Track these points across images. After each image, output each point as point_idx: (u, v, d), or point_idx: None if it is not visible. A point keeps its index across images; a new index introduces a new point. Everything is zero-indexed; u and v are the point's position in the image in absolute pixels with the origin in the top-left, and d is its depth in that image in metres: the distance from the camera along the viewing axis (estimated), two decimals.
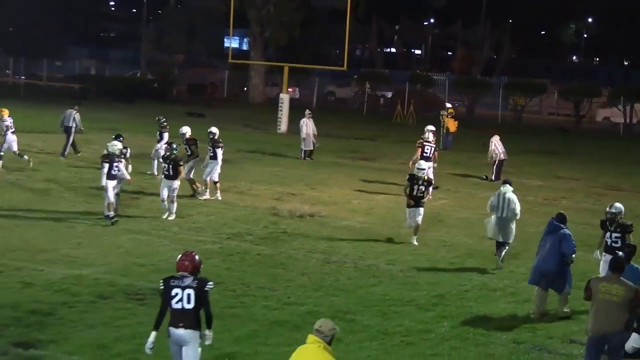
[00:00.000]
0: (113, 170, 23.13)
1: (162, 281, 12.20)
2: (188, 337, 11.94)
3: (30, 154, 34.64)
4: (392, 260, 20.99)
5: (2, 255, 19.48)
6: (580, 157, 44.66)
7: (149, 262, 19.67)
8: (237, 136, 45.91)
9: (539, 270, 17.01)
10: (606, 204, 29.86)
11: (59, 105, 45.35)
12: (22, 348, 13.95)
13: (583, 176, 37.39)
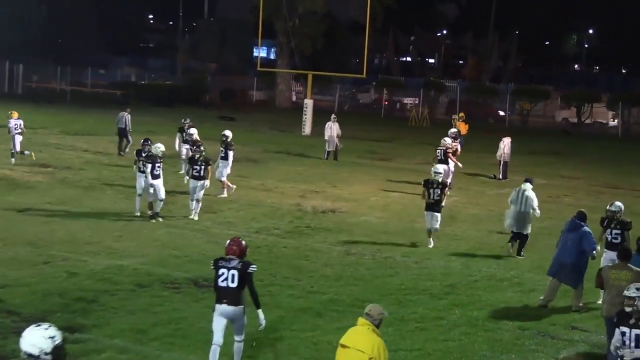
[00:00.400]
0: (156, 170, 22.83)
1: (212, 262, 12.75)
2: (231, 312, 12.42)
3: (76, 154, 34.85)
4: (407, 253, 21.00)
5: (50, 246, 19.58)
6: (581, 157, 44.51)
7: (184, 253, 19.74)
8: (265, 138, 45.98)
9: (558, 262, 16.92)
10: (605, 201, 29.80)
11: (102, 110, 45.71)
12: (68, 332, 13.98)
13: (584, 175, 37.27)
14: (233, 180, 30.80)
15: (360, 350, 9.71)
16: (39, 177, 29.10)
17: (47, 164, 32.14)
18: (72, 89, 71.86)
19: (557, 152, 45.29)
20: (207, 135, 39.29)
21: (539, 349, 14.43)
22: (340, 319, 15.45)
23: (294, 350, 13.83)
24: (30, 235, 20.57)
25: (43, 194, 26.32)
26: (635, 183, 36.01)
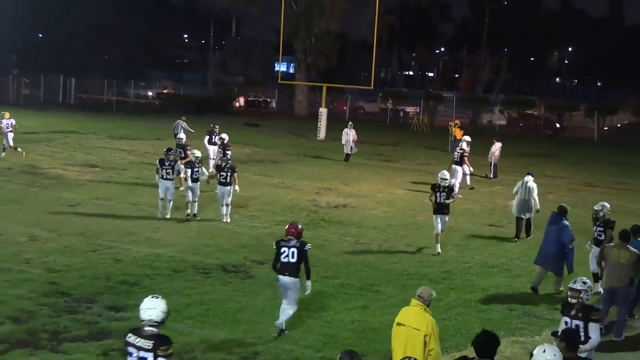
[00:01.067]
0: (194, 174, 22.40)
1: (274, 242, 13.88)
2: (290, 282, 13.45)
3: (120, 155, 34.93)
4: (409, 243, 20.98)
5: (97, 236, 19.64)
6: (563, 159, 44.33)
7: (214, 243, 19.76)
8: (284, 142, 45.97)
9: (543, 253, 16.93)
10: (583, 198, 29.92)
11: (142, 118, 45.82)
12: (114, 311, 14.07)
13: (565, 175, 37.14)
14: (257, 179, 30.88)
15: (415, 328, 9.89)
16: (88, 176, 29.19)
17: (95, 164, 32.26)
18: (117, 99, 72.06)
19: (542, 155, 45.12)
20: (234, 139, 39.36)
21: (525, 327, 14.42)
22: (350, 301, 15.48)
23: (310, 327, 13.86)
24: (81, 227, 20.64)
25: (91, 191, 26.40)
26: (610, 182, 35.91)
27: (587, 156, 47.29)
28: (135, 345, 8.36)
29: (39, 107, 62.02)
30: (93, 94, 73.77)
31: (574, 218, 24.13)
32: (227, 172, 22.25)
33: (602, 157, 47.33)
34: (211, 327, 13.51)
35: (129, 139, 40.75)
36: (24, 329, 12.94)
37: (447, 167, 28.19)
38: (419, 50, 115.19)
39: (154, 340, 8.27)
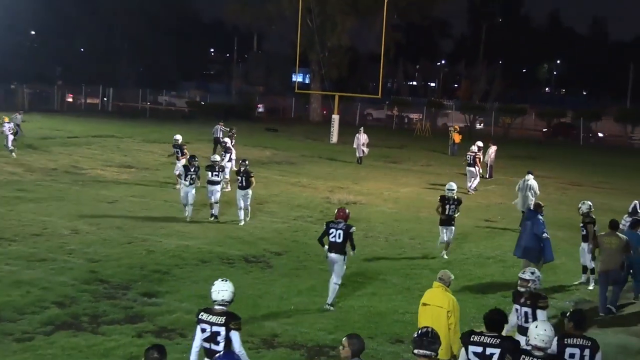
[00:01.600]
0: (212, 177, 21.62)
1: (325, 224, 14.80)
2: (336, 258, 14.19)
3: (153, 157, 34.96)
4: (413, 236, 20.94)
5: (133, 230, 19.68)
6: (551, 161, 44.15)
7: (237, 236, 19.78)
8: (301, 145, 45.95)
9: (520, 245, 16.89)
10: (570, 196, 29.81)
11: (173, 123, 45.89)
12: (147, 297, 14.09)
13: (554, 175, 36.97)
14: (276, 179, 30.90)
15: (439, 306, 10.30)
16: (125, 175, 29.27)
17: (131, 165, 32.35)
18: (151, 107, 72.24)
19: (532, 157, 44.95)
20: (256, 142, 39.51)
21: None
22: (360, 288, 15.46)
23: (324, 312, 13.85)
24: (118, 221, 20.69)
25: (127, 189, 26.46)
26: (594, 181, 35.79)
27: (573, 158, 47.11)
28: (209, 321, 8.74)
29: (80, 114, 62.25)
30: (129, 102, 73.98)
31: (561, 214, 24.23)
32: (242, 177, 21.09)
33: (587, 159, 47.14)
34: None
35: (161, 143, 40.75)
36: (67, 312, 12.97)
37: (464, 166, 28.40)
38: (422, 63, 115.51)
39: (226, 317, 8.71)
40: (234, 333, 8.67)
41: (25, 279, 14.69)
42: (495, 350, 8.39)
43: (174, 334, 12.28)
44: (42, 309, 13.08)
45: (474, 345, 8.50)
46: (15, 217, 20.50)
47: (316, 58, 68.67)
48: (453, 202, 18.49)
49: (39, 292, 13.95)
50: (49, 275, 15.07)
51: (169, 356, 11.18)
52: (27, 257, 16.33)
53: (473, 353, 8.47)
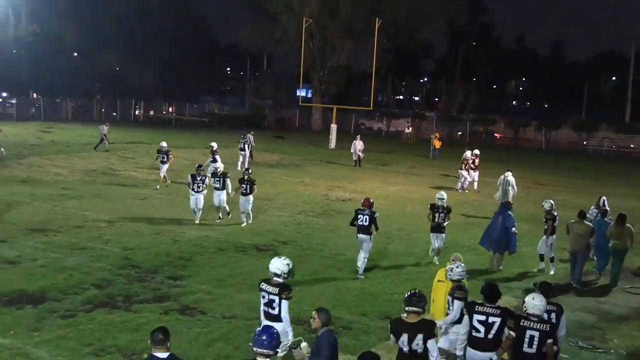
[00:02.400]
0: (215, 183, 20.27)
1: (354, 211, 15.76)
2: (364, 238, 15.37)
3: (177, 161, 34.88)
4: (400, 228, 20.92)
5: (160, 222, 19.67)
6: (518, 163, 44.07)
7: (249, 227, 19.77)
8: (304, 150, 45.91)
9: (488, 236, 16.82)
10: (534, 194, 29.79)
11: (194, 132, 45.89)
12: (172, 280, 14.08)
13: (520, 176, 36.71)
14: (283, 179, 30.86)
15: None
16: (153, 176, 29.20)
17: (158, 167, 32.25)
18: (175, 117, 72.26)
19: (502, 160, 44.88)
20: (266, 148, 39.48)
21: None
22: (354, 272, 15.45)
23: (323, 292, 13.84)
24: (148, 215, 20.69)
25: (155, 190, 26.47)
26: (555, 181, 35.79)
27: (537, 161, 47.06)
28: (266, 290, 9.17)
29: (115, 123, 62.16)
30: (157, 113, 74.09)
31: (526, 210, 24.20)
32: (246, 184, 19.79)
33: (548, 162, 47.13)
34: (247, 292, 13.50)
35: (184, 148, 40.70)
36: (104, 293, 12.97)
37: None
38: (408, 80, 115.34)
39: (279, 287, 9.09)
40: (283, 302, 9.08)
41: (69, 265, 14.69)
42: (496, 319, 8.64)
43: (195, 311, 12.27)
44: (83, 290, 13.08)
45: (478, 314, 8.71)
46: (60, 211, 20.51)
47: (317, 76, 68.70)
48: (442, 210, 16.98)
49: (80, 276, 13.95)
50: (88, 262, 15.07)
51: (192, 330, 11.26)
52: (70, 246, 16.34)
53: (477, 321, 8.69)
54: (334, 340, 7.52)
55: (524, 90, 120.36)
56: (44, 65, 66.47)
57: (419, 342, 7.86)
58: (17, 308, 11.89)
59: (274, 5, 65.65)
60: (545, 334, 8.31)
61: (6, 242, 16.33)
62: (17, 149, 35.37)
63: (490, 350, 8.62)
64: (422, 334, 7.86)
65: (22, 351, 10.04)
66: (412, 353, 7.90)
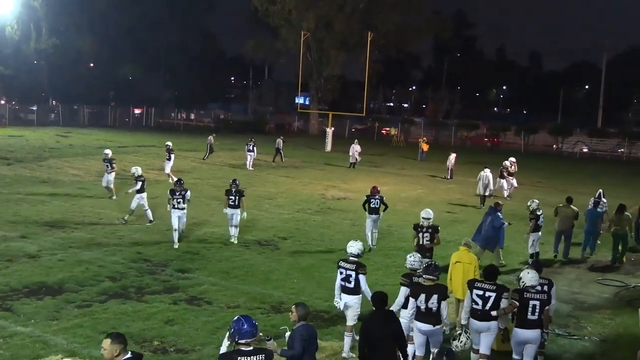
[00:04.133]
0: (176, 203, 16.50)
1: (366, 197, 17.24)
2: (376, 217, 17.17)
3: (186, 162, 34.83)
4: (390, 225, 20.84)
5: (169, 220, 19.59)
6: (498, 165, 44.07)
7: (252, 224, 19.68)
8: (302, 153, 45.86)
9: (481, 235, 16.60)
10: (514, 193, 29.65)
11: (201, 137, 45.78)
12: (181, 272, 14.05)
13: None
14: (283, 179, 30.82)
15: (468, 263, 11.32)
16: (164, 177, 29.15)
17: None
18: (184, 123, 72.20)
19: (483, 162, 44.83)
20: (267, 151, 39.39)
21: None
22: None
23: (320, 284, 13.81)
24: (158, 213, 20.58)
25: (166, 188, 26.14)
26: (533, 180, 35.79)
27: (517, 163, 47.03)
28: (344, 267, 10.19)
29: (129, 128, 62.14)
30: (167, 119, 73.93)
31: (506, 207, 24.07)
32: (235, 196, 17.08)
33: (527, 164, 47.13)
34: (250, 284, 13.48)
35: (192, 151, 40.69)
36: (118, 285, 12.93)
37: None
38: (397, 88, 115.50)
39: (355, 265, 10.15)
40: (361, 276, 10.09)
41: (85, 259, 14.65)
42: (492, 294, 9.20)
43: (202, 302, 12.23)
44: (98, 282, 13.04)
45: (477, 289, 9.30)
46: (77, 209, 20.46)
47: (314, 84, 68.74)
48: (427, 230, 13.98)
49: (95, 269, 13.91)
50: (103, 256, 15.03)
51: (199, 319, 11.23)
52: (87, 241, 16.30)
53: (476, 295, 9.28)
54: (307, 335, 7.35)
55: (504, 98, 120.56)
56: (63, 75, 66.36)
57: (434, 301, 8.97)
58: (37, 299, 11.85)
59: (275, 20, 65.68)
60: (544, 303, 9.13)
61: (28, 238, 16.29)
62: (38, 152, 35.32)
63: (487, 320, 9.22)
64: (437, 295, 9.01)
65: (41, 339, 10.00)
66: (427, 311, 9.01)
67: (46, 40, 63.24)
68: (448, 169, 34.73)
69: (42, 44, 63.29)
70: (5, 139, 41.97)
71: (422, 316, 9.10)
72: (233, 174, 30.85)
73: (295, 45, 59.19)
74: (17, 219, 18.51)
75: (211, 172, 32.11)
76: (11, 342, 9.82)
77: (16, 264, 13.97)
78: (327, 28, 65.86)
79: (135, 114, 71.26)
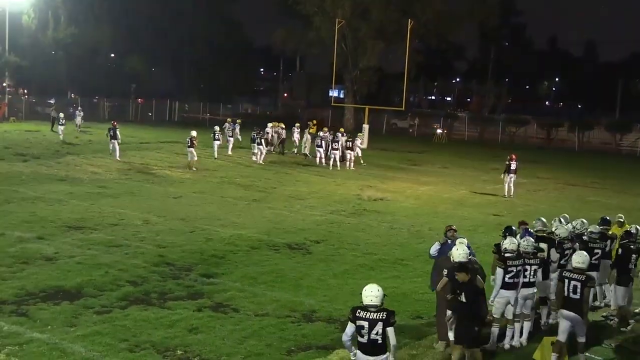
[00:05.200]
0: None
1: None
2: None
3: (211, 160, 35.04)
4: (431, 228, 20.73)
5: (194, 221, 19.74)
6: (550, 164, 43.60)
7: (282, 226, 19.74)
8: None
9: None
10: (565, 194, 29.40)
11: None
12: (206, 277, 14.12)
13: (552, 176, 36.52)
14: (315, 179, 30.82)
15: None
16: (188, 175, 29.41)
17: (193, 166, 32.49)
18: (210, 117, 72.64)
19: (534, 161, 44.37)
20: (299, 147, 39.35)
21: None
22: (385, 272, 15.38)
23: (354, 291, 13.72)
24: (182, 213, 20.79)
25: (190, 186, 26.59)
26: (587, 181, 35.23)
27: (569, 162, 46.47)
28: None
29: (151, 123, 62.73)
30: (192, 113, 74.46)
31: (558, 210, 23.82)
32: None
33: (581, 163, 46.52)
34: (279, 291, 13.50)
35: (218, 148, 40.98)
36: (139, 290, 13.05)
37: None
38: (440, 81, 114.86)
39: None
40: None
41: (105, 262, 14.81)
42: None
43: (229, 309, 12.29)
44: (118, 286, 13.18)
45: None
46: (96, 209, 20.71)
47: (349, 77, 68.64)
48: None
49: (116, 272, 14.06)
50: (124, 259, 15.18)
51: (225, 327, 11.29)
52: (106, 243, 16.48)
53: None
54: None
55: (556, 91, 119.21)
56: (82, 67, 67.29)
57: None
58: (54, 304, 12.02)
59: (307, 8, 65.71)
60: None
61: (44, 239, 16.53)
62: (56, 148, 35.86)
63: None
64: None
65: (58, 346, 10.13)
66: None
67: (64, 29, 64.14)
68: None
69: (60, 33, 64.21)
70: (21, 134, 42.72)
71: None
72: (261, 173, 31.05)
73: (329, 34, 59.17)
74: (33, 219, 18.81)
75: (237, 170, 32.26)
76: (27, 349, 9.97)
77: (32, 267, 14.19)
78: (363, 16, 65.70)
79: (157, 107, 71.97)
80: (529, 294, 11.38)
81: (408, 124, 72.98)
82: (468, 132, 68.39)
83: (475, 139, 63.24)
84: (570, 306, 10.38)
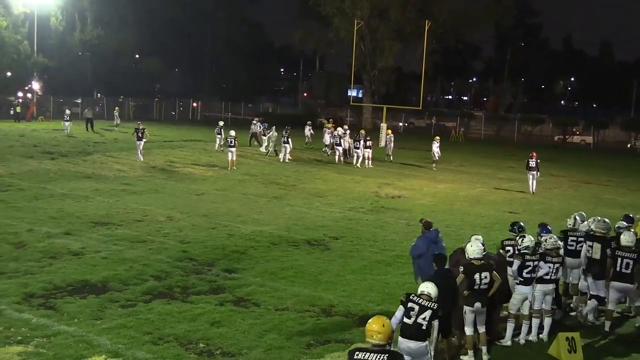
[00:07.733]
0: None
1: None
2: None
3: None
4: (448, 225, 20.63)
5: (216, 217, 19.80)
6: (565, 163, 43.32)
7: (302, 223, 19.75)
8: None
9: None
10: (581, 192, 29.17)
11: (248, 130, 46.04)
12: (228, 272, 14.15)
13: (568, 174, 36.30)
14: (334, 176, 30.76)
15: None
16: (210, 173, 29.51)
17: (215, 164, 32.57)
18: (231, 116, 72.82)
19: (550, 159, 44.09)
20: (318, 145, 39.35)
21: None
22: (403, 268, 15.29)
23: (372, 287, 13.75)
24: (204, 210, 20.86)
25: (212, 183, 26.67)
26: (602, 179, 34.98)
27: (585, 161, 46.15)
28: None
29: (174, 122, 63.03)
30: (214, 112, 74.73)
31: (573, 208, 23.66)
32: None
33: (596, 162, 46.14)
34: (299, 286, 13.50)
35: (239, 146, 41.09)
36: (163, 284, 13.11)
37: None
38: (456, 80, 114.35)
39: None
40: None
41: (129, 257, 14.89)
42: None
43: (249, 303, 12.31)
44: (143, 281, 13.24)
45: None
46: (121, 206, 20.83)
47: (368, 76, 68.62)
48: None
49: (140, 267, 14.13)
50: (148, 254, 15.25)
51: (245, 321, 11.31)
52: (131, 239, 16.56)
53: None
54: None
55: (571, 90, 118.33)
56: (107, 67, 67.74)
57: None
58: (81, 297, 12.10)
59: (326, 9, 65.73)
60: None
61: (72, 235, 16.65)
62: (82, 147, 36.12)
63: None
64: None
65: (85, 338, 10.20)
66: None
67: (91, 30, 64.62)
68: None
69: (87, 35, 64.70)
70: (49, 133, 43.08)
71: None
72: (281, 171, 31.09)
73: (348, 34, 59.19)
74: (60, 215, 18.96)
75: (258, 167, 32.32)
76: (55, 341, 10.05)
77: (59, 262, 14.30)
78: (381, 17, 65.67)
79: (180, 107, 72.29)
80: (548, 289, 11.33)
81: (425, 123, 72.80)
82: (485, 131, 68.06)
83: (492, 138, 63.01)
84: (622, 279, 11.62)
